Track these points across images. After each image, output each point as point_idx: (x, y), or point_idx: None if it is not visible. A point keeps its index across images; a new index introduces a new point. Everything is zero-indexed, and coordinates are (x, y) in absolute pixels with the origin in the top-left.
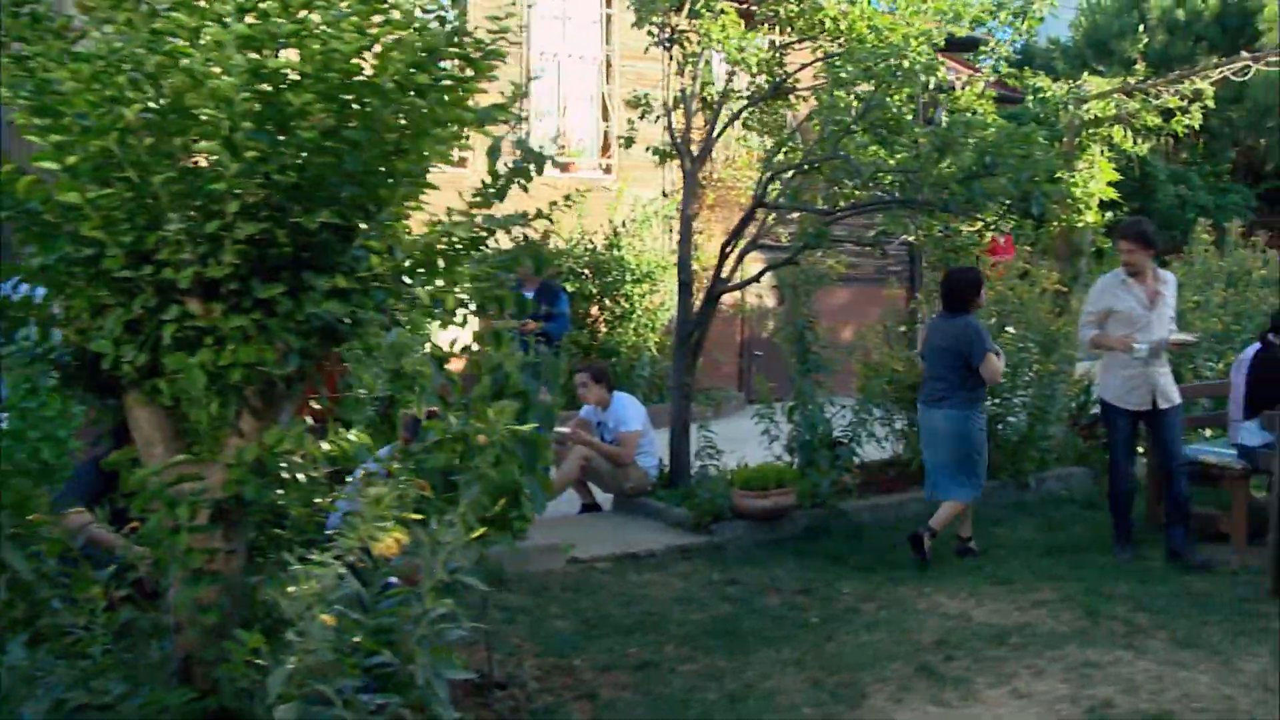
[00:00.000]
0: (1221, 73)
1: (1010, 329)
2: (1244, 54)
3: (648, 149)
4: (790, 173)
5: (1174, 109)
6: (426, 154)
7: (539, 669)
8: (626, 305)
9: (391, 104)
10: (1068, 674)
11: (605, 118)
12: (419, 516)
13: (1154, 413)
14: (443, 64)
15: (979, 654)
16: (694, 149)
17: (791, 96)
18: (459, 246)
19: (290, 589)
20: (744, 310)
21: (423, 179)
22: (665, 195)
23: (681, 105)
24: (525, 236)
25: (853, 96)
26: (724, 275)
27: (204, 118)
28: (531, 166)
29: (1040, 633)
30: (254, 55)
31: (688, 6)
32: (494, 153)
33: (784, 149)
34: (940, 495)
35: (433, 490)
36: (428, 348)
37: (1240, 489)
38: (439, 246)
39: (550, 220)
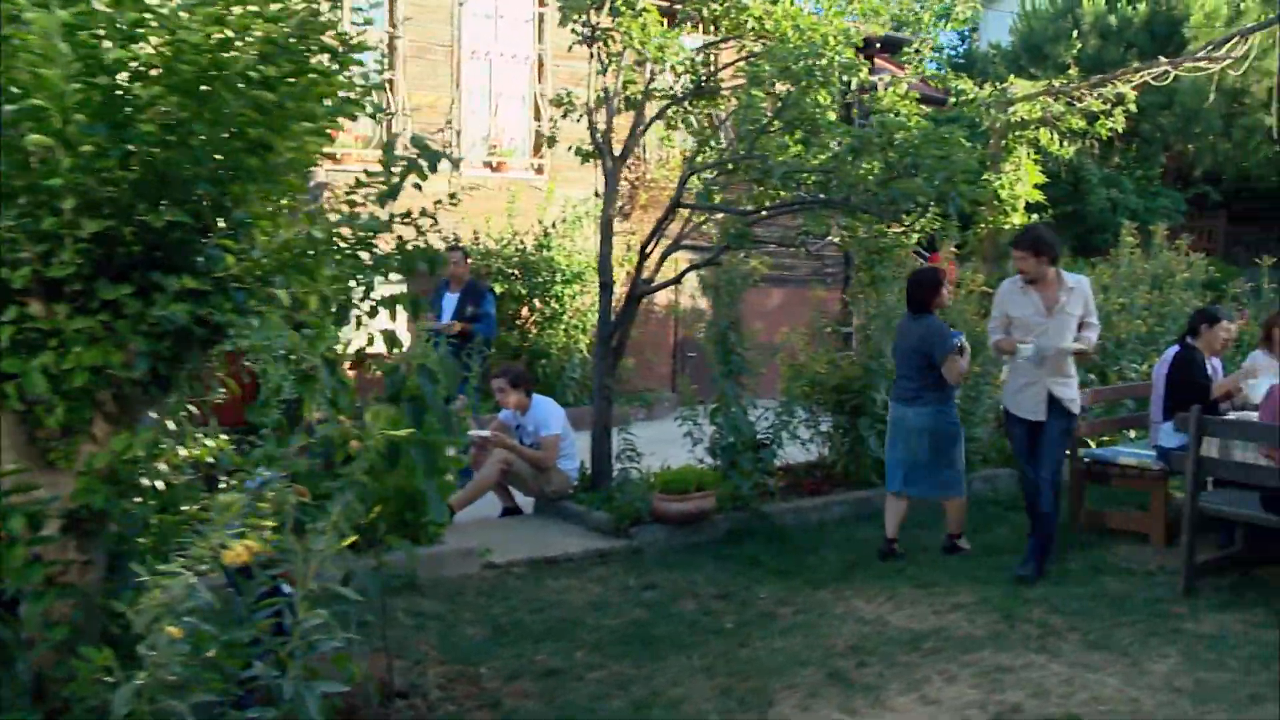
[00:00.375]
0: (1142, 77)
1: None
2: (1162, 59)
3: (570, 148)
4: (712, 173)
5: (1097, 112)
6: (284, 150)
7: (443, 677)
8: (556, 306)
9: (241, 97)
10: (979, 679)
11: (537, 117)
12: (272, 524)
13: (1045, 420)
14: (307, 57)
15: (891, 659)
16: (620, 148)
17: (718, 96)
18: (329, 246)
19: (143, 601)
20: (677, 311)
21: (287, 176)
22: (597, 195)
23: (604, 104)
24: (462, 240)
25: (772, 96)
26: (646, 276)
27: (38, 109)
28: (425, 164)
29: (955, 637)
30: (90, 44)
31: (608, 4)
32: (389, 150)
33: (705, 149)
34: (913, 493)
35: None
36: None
37: (1159, 490)
38: (315, 245)
39: (434, 220)
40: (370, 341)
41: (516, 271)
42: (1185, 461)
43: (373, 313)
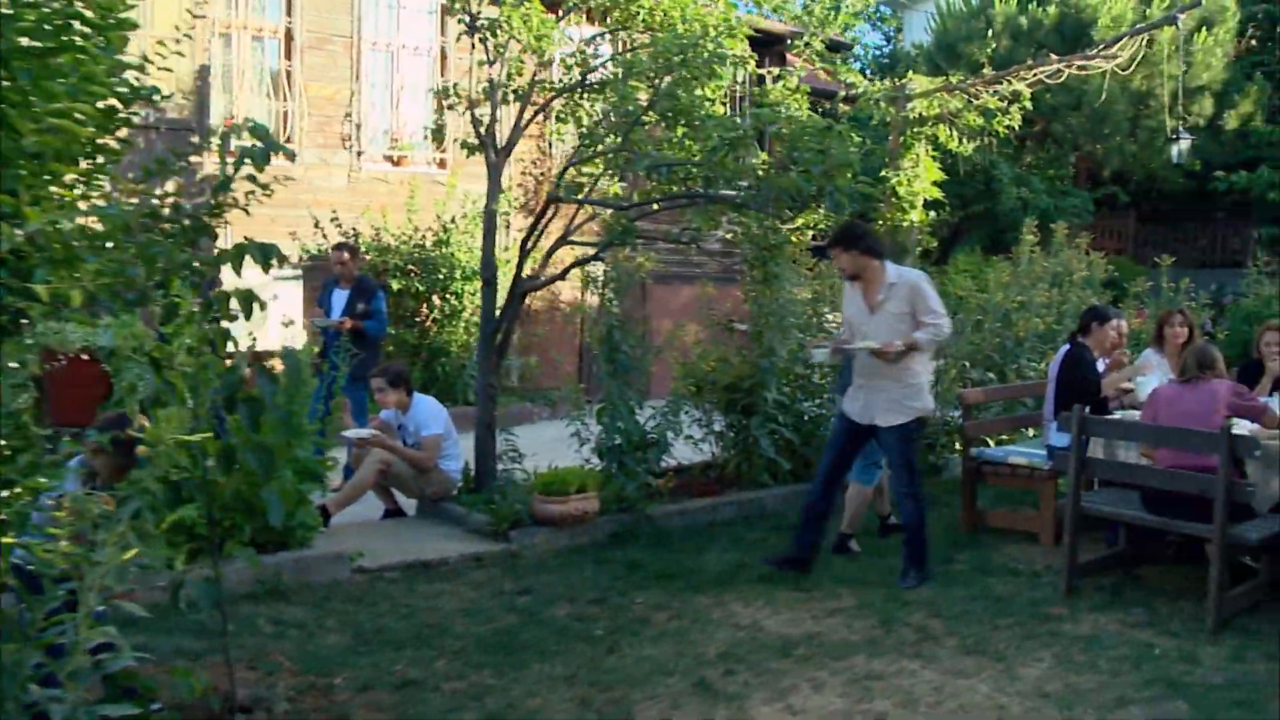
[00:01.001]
0: (1037, 75)
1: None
2: (1053, 56)
3: (455, 140)
4: (597, 164)
5: (994, 110)
6: (27, 133)
7: (294, 688)
8: (456, 303)
9: None
10: (848, 687)
11: (439, 110)
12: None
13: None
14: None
15: (761, 667)
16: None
17: (607, 88)
18: (107, 236)
19: None
20: (584, 309)
21: (51, 163)
22: (502, 190)
23: (487, 97)
24: (362, 235)
25: (654, 88)
26: (534, 272)
27: None
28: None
29: (830, 643)
30: None
31: None
32: (225, 139)
33: (588, 142)
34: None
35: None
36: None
37: (1048, 489)
38: (91, 235)
39: (246, 211)
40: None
41: (415, 268)
42: (1068, 460)
43: (205, 309)
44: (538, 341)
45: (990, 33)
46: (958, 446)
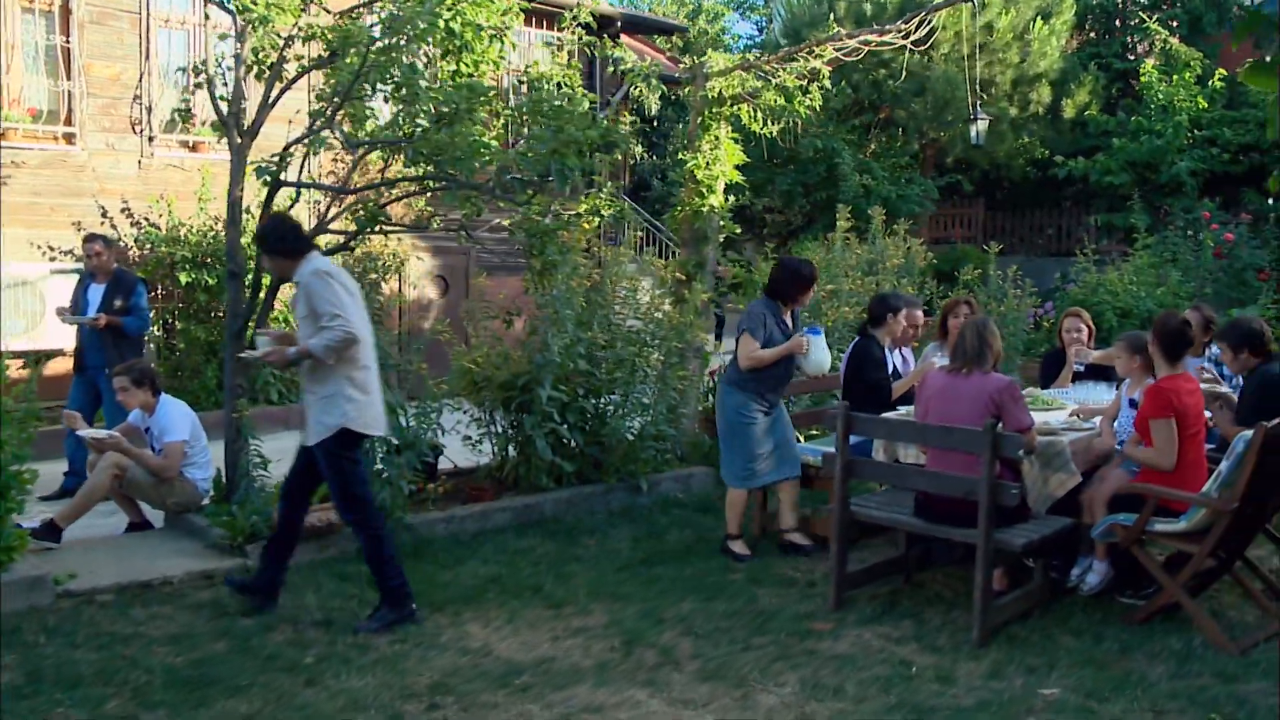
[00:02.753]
0: (834, 54)
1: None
2: (842, 31)
3: (204, 122)
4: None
5: (793, 88)
6: None
7: None
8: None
9: None
10: None
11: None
12: None
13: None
14: None
15: (471, 700)
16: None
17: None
18: None
19: None
20: (402, 301)
21: None
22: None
23: (231, 73)
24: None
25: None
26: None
27: None
28: None
29: (559, 669)
30: None
31: None
32: None
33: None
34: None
35: None
36: None
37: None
38: None
39: None
40: None
41: (209, 259)
42: (833, 462)
43: None
44: None
45: (832, 17)
46: None
